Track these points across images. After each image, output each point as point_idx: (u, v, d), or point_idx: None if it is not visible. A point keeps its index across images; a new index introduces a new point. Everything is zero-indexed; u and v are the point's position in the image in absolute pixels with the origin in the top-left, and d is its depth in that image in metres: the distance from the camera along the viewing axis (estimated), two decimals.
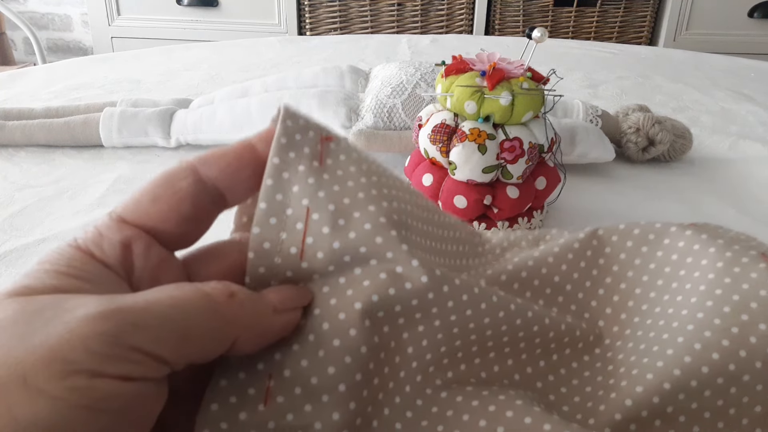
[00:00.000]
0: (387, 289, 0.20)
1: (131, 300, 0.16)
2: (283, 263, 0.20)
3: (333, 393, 0.19)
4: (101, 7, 1.94)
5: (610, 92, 0.82)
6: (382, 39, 1.12)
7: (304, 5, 1.86)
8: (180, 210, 0.19)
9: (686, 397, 0.22)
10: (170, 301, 0.16)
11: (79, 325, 0.15)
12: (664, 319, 0.26)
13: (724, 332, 0.23)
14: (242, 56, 0.97)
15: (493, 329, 0.23)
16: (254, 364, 0.19)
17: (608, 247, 0.29)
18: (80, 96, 0.75)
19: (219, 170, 0.20)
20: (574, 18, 1.83)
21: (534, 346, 0.25)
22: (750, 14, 1.80)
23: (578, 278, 0.29)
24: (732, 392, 0.22)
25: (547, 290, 0.28)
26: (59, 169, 0.55)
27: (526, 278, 0.28)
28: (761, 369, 0.23)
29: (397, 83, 0.54)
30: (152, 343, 0.15)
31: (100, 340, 0.15)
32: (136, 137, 0.59)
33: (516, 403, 0.21)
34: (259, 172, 0.20)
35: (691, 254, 0.27)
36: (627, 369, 0.24)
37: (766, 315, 0.24)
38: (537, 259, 0.28)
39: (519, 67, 0.40)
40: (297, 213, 0.20)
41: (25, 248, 0.43)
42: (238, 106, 0.58)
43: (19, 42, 2.39)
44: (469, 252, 0.29)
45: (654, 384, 0.23)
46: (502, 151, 0.39)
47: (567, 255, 0.29)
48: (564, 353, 0.25)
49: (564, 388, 0.25)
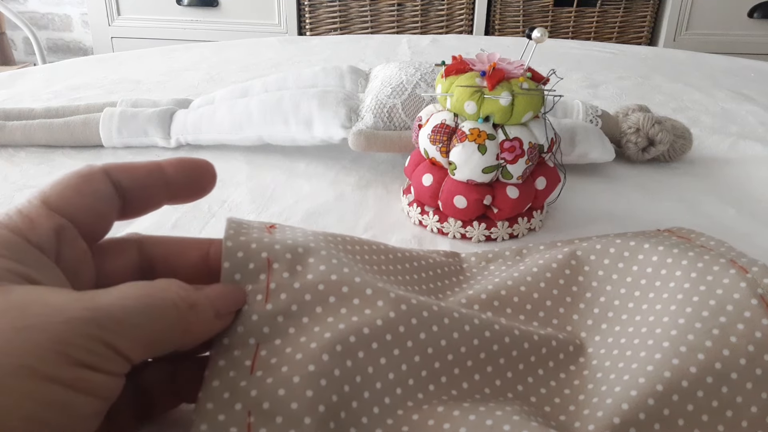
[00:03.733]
0: (350, 318, 0.22)
1: (108, 300, 0.17)
2: (249, 309, 0.22)
3: (314, 414, 0.19)
4: (101, 7, 1.94)
5: (610, 92, 0.82)
6: (382, 39, 1.12)
7: (304, 5, 1.86)
8: (97, 208, 0.20)
9: (680, 399, 0.23)
10: (143, 306, 0.17)
11: (73, 321, 0.16)
12: (646, 327, 0.27)
13: (705, 334, 0.25)
14: (242, 56, 0.97)
15: (472, 356, 0.24)
16: (231, 405, 0.20)
17: (587, 265, 0.31)
18: (80, 96, 0.75)
19: (130, 180, 0.21)
20: (574, 18, 1.83)
21: (515, 363, 0.26)
22: (750, 14, 1.80)
23: (558, 294, 0.30)
24: (724, 392, 0.23)
25: (527, 306, 0.30)
26: (59, 170, 0.55)
27: (506, 296, 0.30)
28: (746, 366, 0.24)
29: (397, 83, 0.54)
30: (127, 343, 0.17)
31: (90, 338, 0.16)
32: (136, 137, 0.59)
33: (513, 418, 0.22)
34: (162, 192, 0.22)
35: (664, 267, 0.29)
36: (618, 375, 0.25)
37: (742, 316, 0.25)
38: (516, 279, 0.30)
39: (519, 68, 0.40)
40: (258, 266, 0.23)
41: None
42: (238, 106, 0.58)
43: (19, 42, 2.39)
44: (446, 274, 0.32)
45: (647, 387, 0.23)
46: (502, 151, 0.39)
47: (545, 273, 0.31)
48: (548, 366, 0.26)
49: (557, 398, 0.25)
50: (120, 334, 0.16)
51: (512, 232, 0.42)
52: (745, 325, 0.24)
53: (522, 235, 0.43)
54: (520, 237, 0.43)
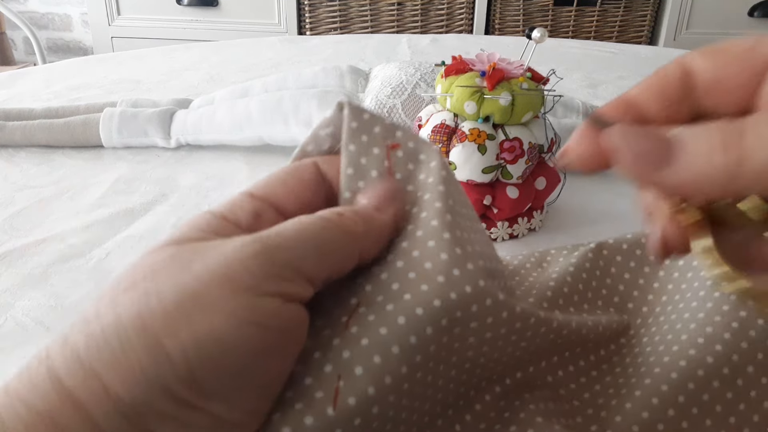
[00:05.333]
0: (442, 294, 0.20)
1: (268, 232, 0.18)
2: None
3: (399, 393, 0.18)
4: (101, 7, 1.94)
5: (610, 92, 0.82)
6: (382, 39, 1.12)
7: (304, 5, 1.86)
8: (301, 195, 0.22)
9: (696, 387, 0.23)
10: (299, 226, 0.19)
11: (234, 252, 0.17)
12: (668, 324, 0.27)
13: (725, 327, 0.25)
14: (242, 56, 0.97)
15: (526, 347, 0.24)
16: (321, 366, 0.18)
17: (613, 267, 0.32)
18: (80, 96, 0.75)
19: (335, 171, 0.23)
20: (574, 18, 1.83)
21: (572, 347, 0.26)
22: (750, 13, 1.80)
23: (596, 286, 0.31)
24: (739, 384, 0.23)
25: (574, 297, 0.30)
26: (59, 170, 0.55)
27: (552, 297, 0.30)
28: (763, 360, 0.24)
29: (397, 83, 0.54)
30: (298, 260, 0.18)
31: (256, 261, 0.17)
32: (136, 137, 0.59)
33: (536, 420, 0.22)
34: None
35: (690, 269, 0.30)
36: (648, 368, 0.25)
37: None
38: (557, 280, 0.31)
39: (519, 67, 0.40)
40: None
41: (25, 248, 0.43)
42: (238, 107, 0.58)
43: (19, 42, 2.39)
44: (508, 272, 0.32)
45: (663, 375, 0.24)
46: (501, 152, 0.39)
47: (581, 274, 0.31)
48: (599, 354, 0.27)
49: (587, 393, 0.26)
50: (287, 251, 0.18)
51: (512, 232, 0.42)
52: (766, 320, 0.25)
53: (522, 235, 0.43)
54: (520, 237, 0.43)
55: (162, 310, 0.16)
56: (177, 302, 0.16)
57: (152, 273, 0.17)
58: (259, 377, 0.17)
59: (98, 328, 0.16)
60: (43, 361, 0.16)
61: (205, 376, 0.16)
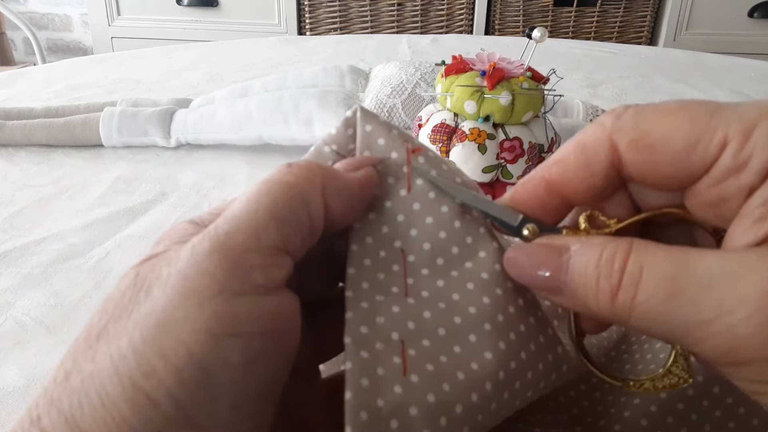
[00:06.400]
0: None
1: (215, 222, 0.16)
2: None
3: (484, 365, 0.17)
4: (101, 7, 1.94)
5: (610, 92, 0.82)
6: (382, 39, 1.12)
7: (304, 5, 1.86)
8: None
9: (694, 394, 0.23)
10: (243, 199, 0.17)
11: (188, 259, 0.15)
12: None
13: None
14: (242, 56, 0.97)
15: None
16: (387, 334, 0.17)
17: None
18: (80, 96, 0.75)
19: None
20: (574, 18, 1.83)
21: None
22: (750, 14, 1.80)
23: None
24: (715, 392, 0.23)
25: None
26: (59, 169, 0.55)
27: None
28: None
29: (397, 83, 0.54)
30: (255, 236, 0.16)
31: (211, 260, 0.15)
32: (136, 137, 0.59)
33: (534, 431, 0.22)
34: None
35: None
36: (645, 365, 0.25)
37: None
38: None
39: (519, 67, 0.40)
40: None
41: (25, 248, 0.43)
42: (238, 106, 0.58)
43: (19, 42, 2.39)
44: None
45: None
46: (502, 151, 0.39)
47: None
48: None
49: (586, 401, 0.25)
50: (237, 233, 0.16)
51: None
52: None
53: None
54: None
55: (132, 352, 0.14)
56: (144, 337, 0.14)
57: (119, 310, 0.15)
58: (258, 385, 0.15)
59: (78, 383, 0.14)
60: (35, 422, 0.15)
61: (196, 407, 0.14)
